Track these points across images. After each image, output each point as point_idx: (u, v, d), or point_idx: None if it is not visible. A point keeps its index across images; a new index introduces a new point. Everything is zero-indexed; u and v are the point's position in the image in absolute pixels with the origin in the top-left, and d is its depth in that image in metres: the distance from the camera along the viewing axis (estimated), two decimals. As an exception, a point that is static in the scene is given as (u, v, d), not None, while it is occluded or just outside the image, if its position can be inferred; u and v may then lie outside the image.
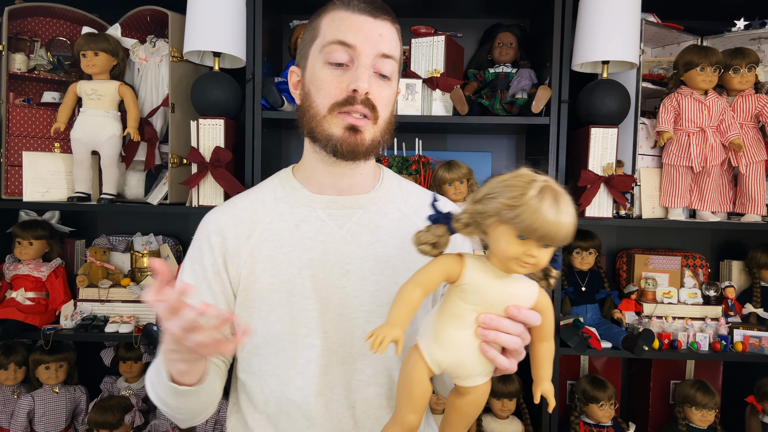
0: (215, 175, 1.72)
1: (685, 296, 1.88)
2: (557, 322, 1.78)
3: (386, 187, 1.06)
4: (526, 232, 0.71)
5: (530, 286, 0.81)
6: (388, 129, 0.99)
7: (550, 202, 0.70)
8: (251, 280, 0.97)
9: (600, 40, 1.67)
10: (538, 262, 0.75)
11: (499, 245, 0.75)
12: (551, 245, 0.74)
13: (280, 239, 0.98)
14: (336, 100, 0.92)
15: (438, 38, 1.87)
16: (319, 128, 0.94)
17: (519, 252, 0.73)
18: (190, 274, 1.00)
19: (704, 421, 1.84)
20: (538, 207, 0.70)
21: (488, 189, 0.76)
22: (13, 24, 1.92)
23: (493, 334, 0.78)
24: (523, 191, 0.71)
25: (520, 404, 1.92)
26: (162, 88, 1.90)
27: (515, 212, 0.71)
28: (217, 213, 1.03)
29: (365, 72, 0.92)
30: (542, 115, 1.77)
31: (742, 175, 1.81)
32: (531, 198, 0.70)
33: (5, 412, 1.90)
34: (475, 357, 0.80)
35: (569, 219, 0.71)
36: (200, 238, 1.02)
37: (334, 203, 1.01)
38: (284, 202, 1.02)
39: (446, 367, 0.80)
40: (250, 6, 1.77)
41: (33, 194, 1.85)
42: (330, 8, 0.96)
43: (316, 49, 0.95)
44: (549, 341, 0.84)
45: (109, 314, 1.87)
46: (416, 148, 1.96)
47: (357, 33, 0.92)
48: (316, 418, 0.96)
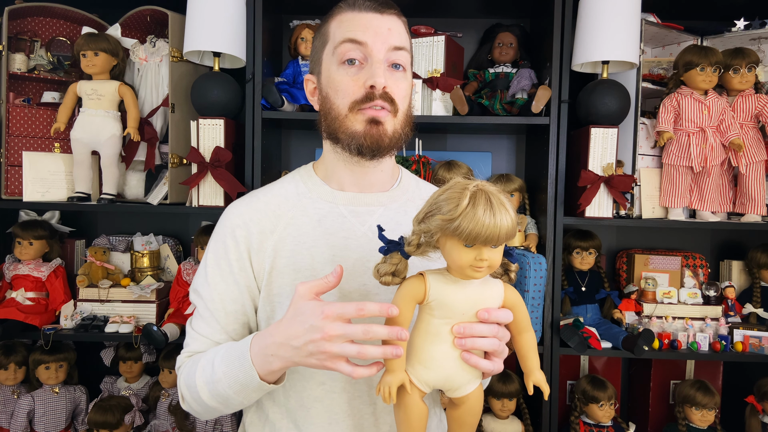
0: (215, 175, 1.72)
1: (685, 296, 1.88)
2: (557, 322, 1.78)
3: (405, 186, 1.08)
4: (469, 240, 0.74)
5: (495, 286, 0.83)
6: (408, 122, 1.00)
7: (483, 206, 0.73)
8: (274, 274, 0.98)
9: (600, 40, 1.67)
10: (492, 264, 0.77)
11: (452, 257, 0.78)
12: (497, 245, 0.76)
13: (302, 234, 0.99)
14: (355, 98, 0.93)
15: (438, 38, 1.87)
16: (342, 128, 0.95)
17: (470, 259, 0.76)
18: (216, 269, 1.00)
19: (704, 421, 1.84)
20: (473, 214, 0.73)
21: (428, 207, 0.79)
22: (13, 24, 1.92)
23: (470, 341, 0.80)
24: (457, 202, 0.74)
25: (520, 404, 1.92)
26: (162, 88, 1.90)
27: (454, 224, 0.74)
28: (240, 207, 1.02)
29: (380, 67, 0.93)
30: (542, 115, 1.77)
31: (742, 175, 1.81)
32: (465, 207, 0.74)
33: (5, 412, 1.90)
34: (460, 368, 0.81)
35: (506, 217, 0.74)
36: (224, 232, 1.01)
37: (356, 200, 1.02)
38: (306, 197, 1.02)
39: (434, 383, 0.82)
40: (250, 6, 1.78)
41: (33, 194, 1.85)
42: (336, 12, 0.98)
43: (329, 52, 0.97)
44: (528, 332, 0.86)
45: (109, 314, 1.87)
46: (416, 148, 1.96)
47: (366, 30, 0.93)
48: (339, 413, 0.97)
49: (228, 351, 0.92)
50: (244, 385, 0.88)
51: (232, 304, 0.99)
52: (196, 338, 1.01)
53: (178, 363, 1.04)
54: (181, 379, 1.00)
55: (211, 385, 0.92)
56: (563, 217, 1.79)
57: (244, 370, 0.87)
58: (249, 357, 0.87)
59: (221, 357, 0.92)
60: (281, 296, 0.98)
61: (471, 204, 0.74)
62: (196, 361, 0.97)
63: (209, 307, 0.99)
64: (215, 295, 0.99)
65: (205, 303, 1.00)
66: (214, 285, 0.99)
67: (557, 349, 1.79)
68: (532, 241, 1.86)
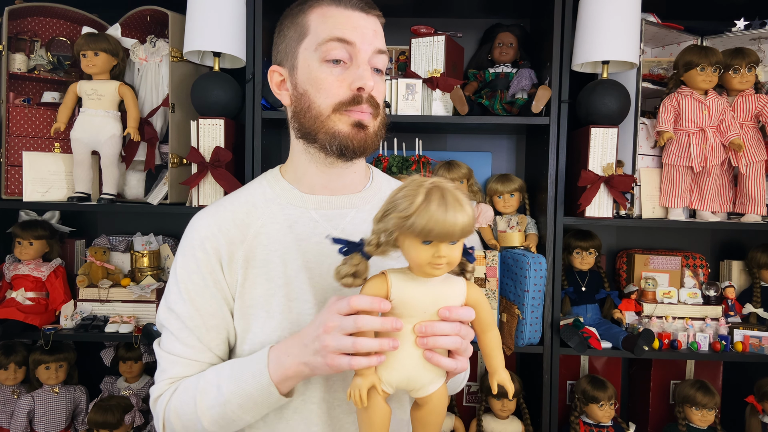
0: (215, 175, 1.72)
1: (685, 296, 1.88)
2: (557, 322, 1.78)
3: (377, 186, 1.05)
4: (425, 237, 0.74)
5: (457, 284, 0.82)
6: (384, 123, 0.98)
7: (437, 202, 0.74)
8: (247, 285, 0.94)
9: (600, 40, 1.67)
10: (450, 260, 0.77)
11: (410, 255, 0.78)
12: (456, 241, 0.77)
13: (273, 242, 0.96)
14: (341, 99, 0.90)
15: (438, 38, 1.87)
16: (324, 128, 0.92)
17: (429, 256, 0.76)
18: (189, 285, 0.95)
19: (704, 421, 1.84)
20: (427, 210, 0.73)
21: (386, 205, 0.79)
22: (13, 24, 1.92)
23: (432, 340, 0.79)
24: (412, 200, 0.74)
25: (520, 404, 1.92)
26: (162, 88, 1.90)
27: (410, 222, 0.74)
28: (206, 218, 0.98)
29: (368, 69, 0.91)
30: (542, 115, 1.77)
31: (742, 175, 1.81)
32: (419, 204, 0.74)
33: (5, 412, 1.90)
34: (421, 367, 0.80)
35: (460, 213, 0.74)
36: (192, 245, 0.96)
37: (327, 203, 0.99)
38: (275, 203, 0.99)
39: (397, 384, 0.81)
40: (250, 6, 1.77)
41: (33, 194, 1.85)
42: (316, 5, 0.93)
43: (309, 47, 0.92)
44: (492, 330, 0.85)
45: (109, 314, 1.87)
46: (416, 148, 1.96)
47: (354, 29, 0.90)
48: (318, 424, 0.94)
49: (238, 367, 0.89)
50: (258, 402, 0.86)
51: (212, 319, 0.94)
52: (175, 362, 0.94)
53: (157, 391, 0.96)
54: (168, 408, 0.93)
55: (216, 409, 0.88)
56: (563, 217, 1.79)
57: (259, 382, 0.86)
58: (266, 362, 0.86)
59: (228, 376, 0.89)
60: (255, 308, 0.94)
61: (425, 201, 0.74)
62: (187, 388, 0.92)
63: (188, 324, 0.94)
64: (193, 311, 0.94)
65: (183, 321, 0.94)
66: (190, 300, 0.94)
67: (557, 349, 1.79)
68: (532, 241, 1.86)
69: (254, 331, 0.94)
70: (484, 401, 1.94)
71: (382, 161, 1.91)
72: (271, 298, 0.94)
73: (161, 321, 0.98)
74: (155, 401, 0.96)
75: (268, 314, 0.94)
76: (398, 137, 1.99)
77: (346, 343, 0.78)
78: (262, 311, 0.94)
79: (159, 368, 0.97)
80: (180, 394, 0.92)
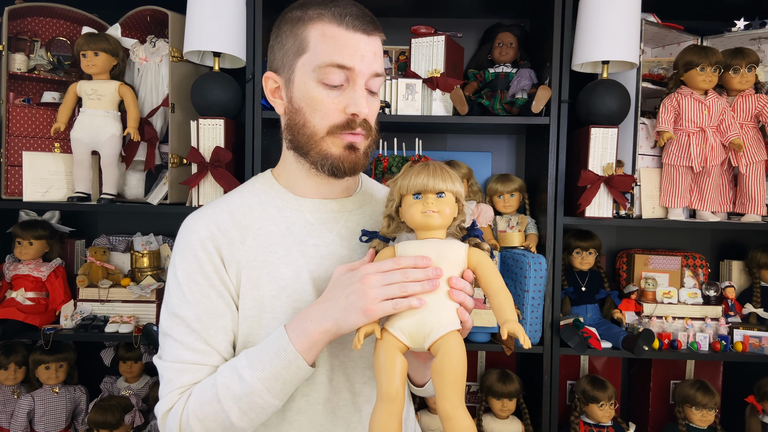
0: (215, 175, 1.72)
1: (685, 296, 1.88)
2: (557, 322, 1.78)
3: (366, 191, 1.08)
4: (411, 190, 0.88)
5: (458, 247, 0.89)
6: (375, 138, 0.99)
7: (420, 166, 0.89)
8: (249, 287, 0.94)
9: (600, 40, 1.67)
10: (440, 209, 0.87)
11: (408, 213, 0.88)
12: (442, 194, 0.87)
13: (273, 244, 0.96)
14: (335, 122, 0.92)
15: (438, 38, 1.87)
16: (317, 148, 0.93)
17: (420, 206, 0.87)
18: (193, 286, 0.93)
19: (704, 421, 1.84)
20: (410, 171, 0.89)
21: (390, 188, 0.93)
22: (13, 24, 1.92)
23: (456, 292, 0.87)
24: (404, 170, 0.91)
25: (520, 404, 1.92)
26: (162, 88, 1.90)
27: (398, 184, 0.89)
28: (203, 219, 0.97)
29: (363, 95, 0.92)
30: (542, 115, 1.77)
31: (742, 175, 1.81)
32: (405, 169, 0.90)
33: (5, 412, 1.90)
34: (429, 311, 0.84)
35: (440, 170, 0.88)
36: (193, 246, 0.94)
37: (322, 207, 1.00)
38: (272, 206, 0.99)
39: (409, 331, 0.84)
40: (250, 6, 1.77)
41: (33, 194, 1.85)
42: (317, 20, 0.90)
43: (307, 65, 0.91)
44: (501, 293, 0.88)
45: (109, 314, 1.87)
46: (416, 148, 1.96)
47: (354, 54, 0.90)
48: (324, 424, 0.95)
49: (257, 353, 0.88)
50: (286, 380, 0.86)
51: (220, 319, 0.93)
52: (182, 369, 0.91)
53: (166, 405, 0.91)
54: (185, 415, 0.89)
55: (244, 399, 0.86)
56: (563, 217, 1.79)
57: (285, 359, 0.85)
58: (287, 337, 0.86)
59: (247, 365, 0.87)
60: (258, 309, 0.94)
61: (411, 167, 0.90)
62: (203, 389, 0.89)
63: (194, 327, 0.91)
64: (200, 312, 0.92)
65: (189, 325, 0.91)
66: (195, 302, 0.92)
67: (557, 349, 1.79)
68: (532, 241, 1.86)
69: (257, 333, 0.93)
70: (484, 401, 1.94)
71: (382, 161, 1.91)
72: (275, 299, 0.94)
73: (163, 329, 0.95)
74: (165, 416, 0.91)
75: (272, 315, 0.94)
76: (398, 137, 1.99)
77: (393, 289, 0.83)
78: (265, 313, 0.94)
79: (163, 381, 0.93)
80: (197, 397, 0.89)
